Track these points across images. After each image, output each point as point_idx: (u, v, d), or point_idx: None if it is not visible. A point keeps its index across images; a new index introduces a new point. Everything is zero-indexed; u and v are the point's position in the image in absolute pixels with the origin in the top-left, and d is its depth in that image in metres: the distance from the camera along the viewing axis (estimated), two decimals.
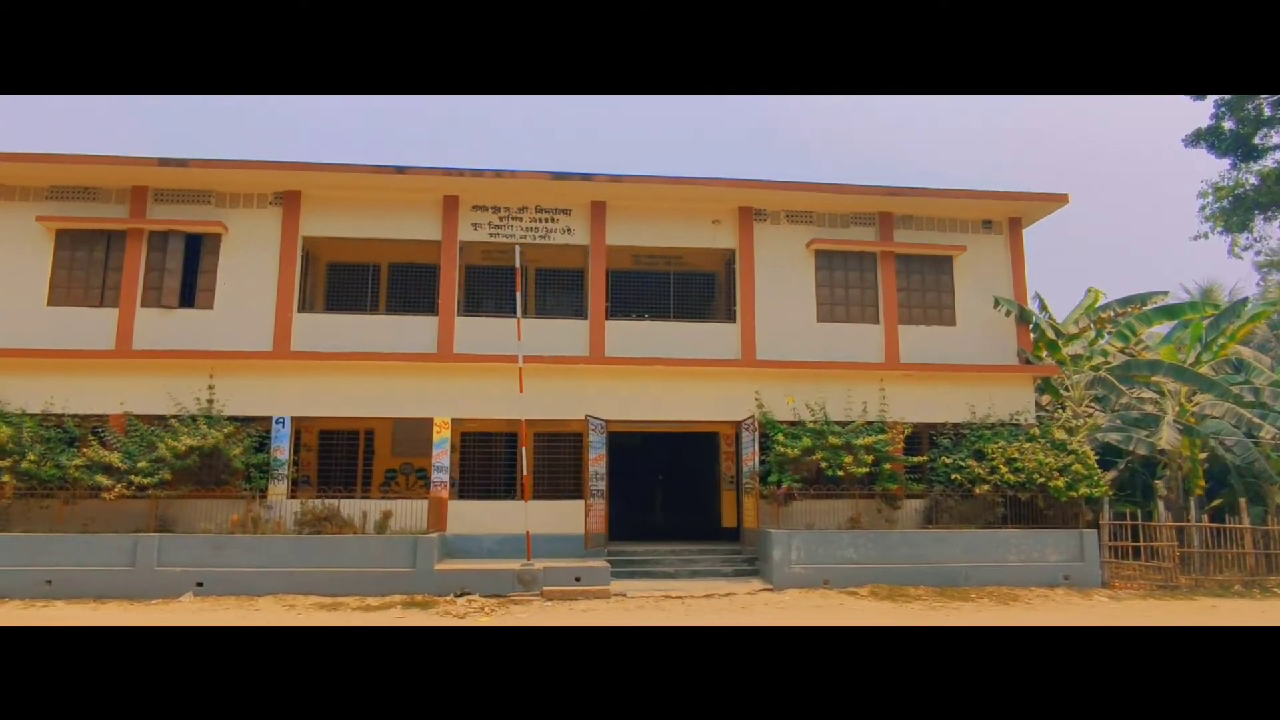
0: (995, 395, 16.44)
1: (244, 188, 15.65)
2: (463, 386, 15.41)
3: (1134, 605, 13.46)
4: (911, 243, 16.92)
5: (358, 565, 13.46)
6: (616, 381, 15.76)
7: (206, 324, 15.20)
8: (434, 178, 15.63)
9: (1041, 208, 17.04)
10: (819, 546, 14.39)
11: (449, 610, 12.53)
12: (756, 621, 11.77)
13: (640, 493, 19.07)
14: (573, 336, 16.04)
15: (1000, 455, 15.24)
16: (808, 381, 15.98)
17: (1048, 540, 14.90)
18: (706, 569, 15.01)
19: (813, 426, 15.31)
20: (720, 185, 16.29)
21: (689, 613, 12.59)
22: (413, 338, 15.70)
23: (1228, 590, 14.75)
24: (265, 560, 13.34)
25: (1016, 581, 14.53)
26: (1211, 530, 15.50)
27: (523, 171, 15.70)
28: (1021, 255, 17.21)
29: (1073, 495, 14.91)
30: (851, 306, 16.73)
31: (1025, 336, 16.96)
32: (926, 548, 14.62)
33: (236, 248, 15.50)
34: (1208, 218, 20.78)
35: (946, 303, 16.99)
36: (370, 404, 15.27)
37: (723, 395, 15.96)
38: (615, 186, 16.04)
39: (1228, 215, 20.75)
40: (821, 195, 16.63)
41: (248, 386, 14.94)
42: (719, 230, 16.69)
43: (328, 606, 12.73)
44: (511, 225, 16.23)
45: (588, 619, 12.02)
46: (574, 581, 13.67)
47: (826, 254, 16.78)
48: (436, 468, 15.23)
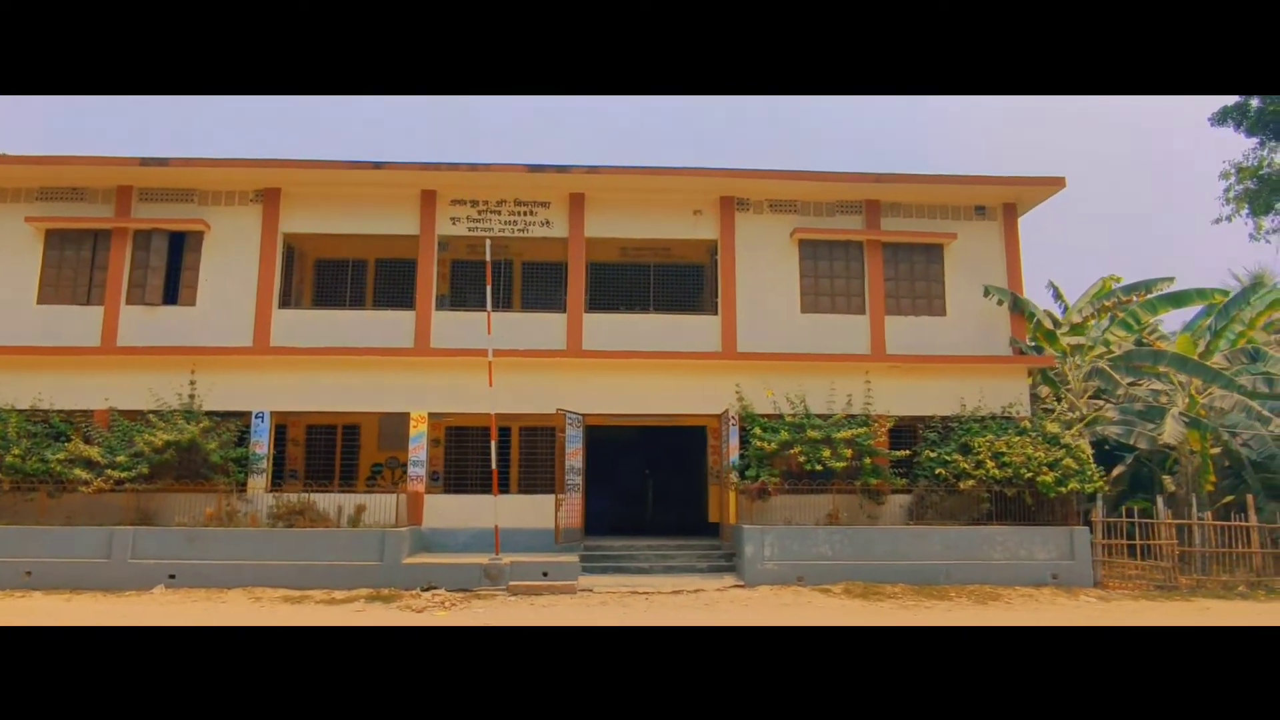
0: (986, 387, 15.88)
1: (225, 185, 15.85)
2: (439, 381, 15.41)
3: (1121, 606, 12.89)
4: (899, 231, 16.43)
5: (327, 559, 13.55)
6: (594, 375, 15.61)
7: (189, 321, 15.44)
8: (410, 172, 15.64)
9: (1037, 192, 16.40)
10: (793, 543, 14.07)
11: (409, 604, 12.53)
12: (716, 619, 11.53)
13: (630, 487, 18.92)
14: (553, 330, 15.93)
15: (987, 449, 14.72)
16: (790, 374, 15.63)
17: (1035, 537, 14.35)
18: (682, 565, 14.79)
19: (791, 420, 14.98)
20: (700, 175, 16.01)
21: (650, 609, 12.40)
22: (393, 332, 15.75)
23: (1230, 591, 14.04)
24: (236, 553, 13.50)
25: (1001, 580, 14.02)
26: (1216, 528, 14.77)
27: (498, 165, 15.63)
28: (1016, 242, 16.59)
29: (1061, 491, 14.33)
30: (837, 297, 16.31)
31: (1019, 326, 16.35)
32: (906, 544, 14.19)
33: (218, 245, 15.71)
34: (1230, 199, 19.85)
35: (936, 292, 16.46)
36: (347, 399, 15.36)
37: (703, 388, 15.70)
38: (592, 178, 15.87)
39: (1252, 197, 19.79)
40: (806, 183, 16.24)
41: (228, 382, 15.14)
42: (700, 221, 16.41)
43: (294, 600, 12.84)
44: (490, 219, 16.17)
45: (545, 615, 11.91)
46: (541, 576, 13.58)
47: (811, 243, 16.38)
48: (413, 462, 15.27)
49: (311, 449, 17.31)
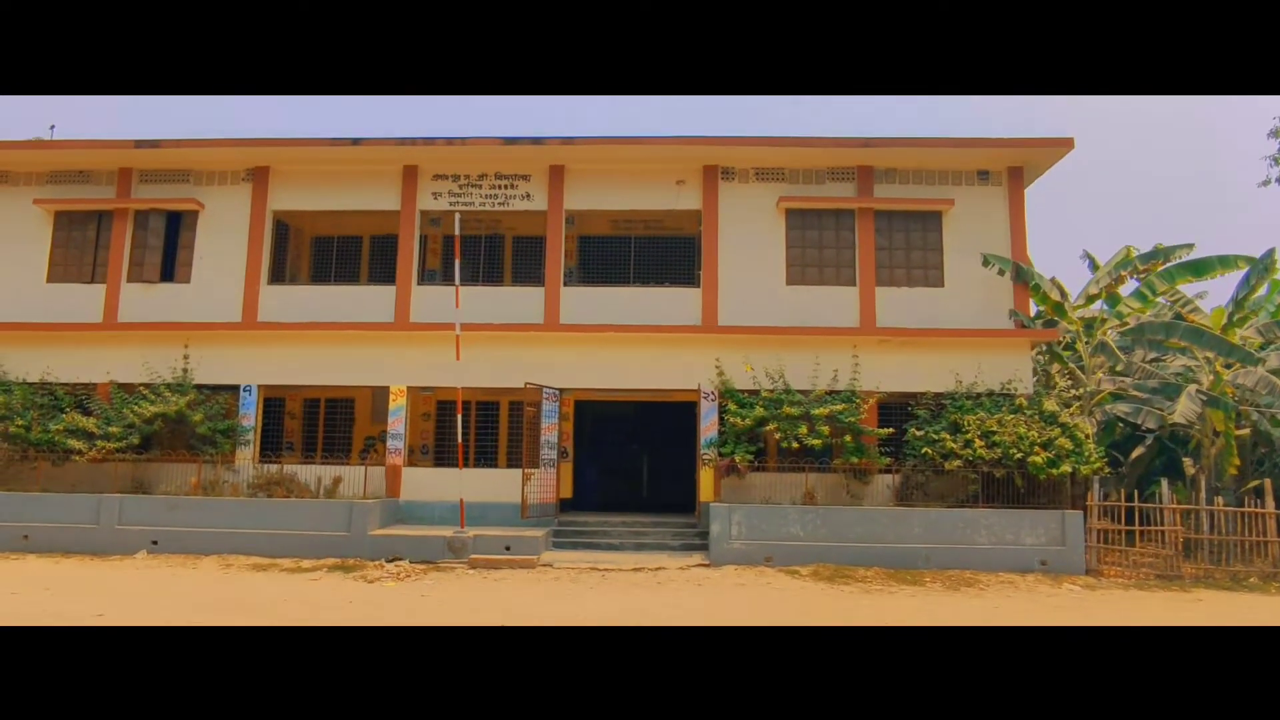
0: (985, 363, 15.03)
1: (217, 165, 16.25)
2: (419, 355, 15.52)
3: (1103, 595, 12.04)
4: (894, 198, 15.64)
5: (299, 528, 13.88)
6: (572, 349, 15.45)
7: (184, 297, 15.97)
8: (390, 148, 15.71)
9: (1044, 154, 15.32)
10: (762, 521, 13.66)
11: (365, 575, 12.73)
12: (666, 600, 11.28)
13: (626, 464, 18.71)
14: (536, 304, 15.82)
15: (976, 428, 13.95)
16: (772, 348, 15.12)
17: (1023, 521, 13.55)
18: (655, 542, 14.57)
19: (768, 396, 14.51)
20: (682, 143, 15.55)
21: (601, 586, 12.24)
22: (380, 307, 15.93)
23: (1239, 583, 12.97)
24: (215, 521, 13.96)
25: (986, 566, 13.30)
26: (1227, 515, 13.65)
27: (475, 138, 15.53)
28: (1022, 208, 15.56)
29: (1053, 473, 13.47)
30: (825, 268, 15.67)
31: (1023, 298, 15.38)
32: (883, 526, 13.61)
33: (212, 224, 16.16)
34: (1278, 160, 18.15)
35: (934, 262, 15.62)
36: (331, 372, 15.64)
37: (684, 363, 15.36)
38: (570, 149, 15.62)
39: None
40: (793, 150, 15.60)
41: (218, 356, 15.62)
42: (684, 191, 15.98)
43: (261, 568, 13.21)
44: (471, 193, 16.13)
45: (491, 590, 11.91)
46: (504, 550, 13.60)
47: (799, 213, 15.75)
48: (392, 435, 15.47)
49: (308, 422, 17.74)
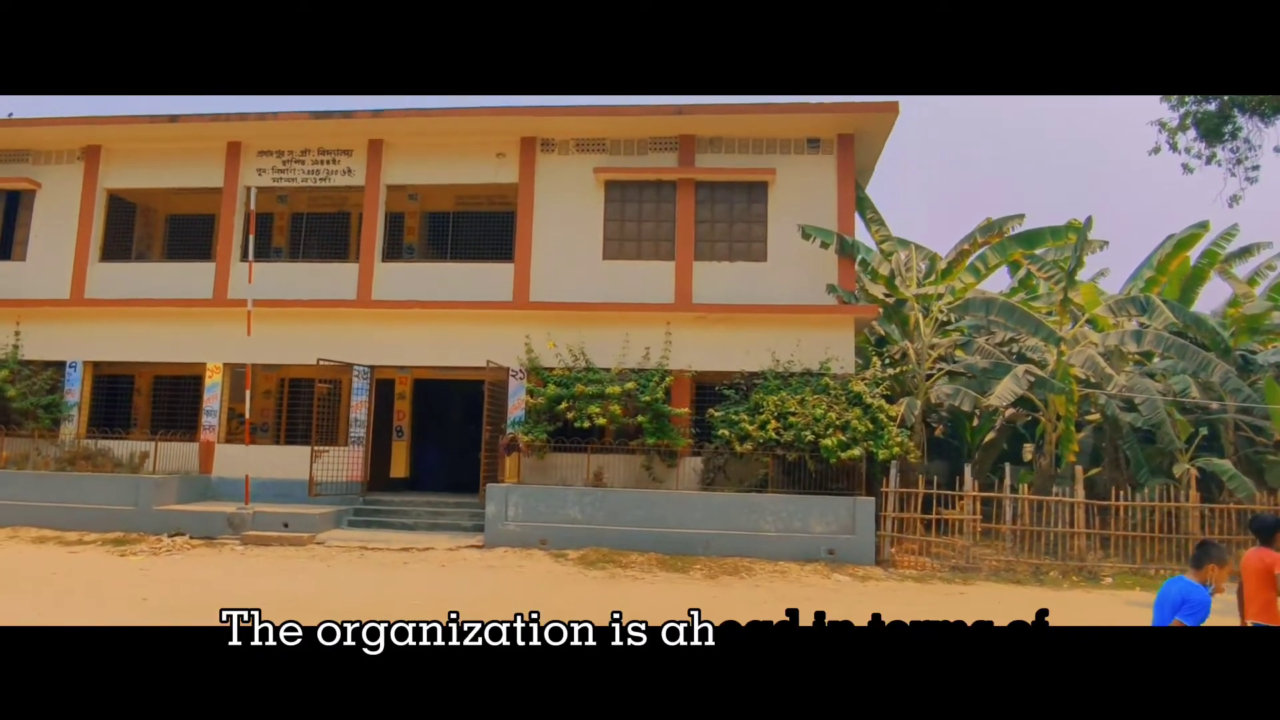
0: (804, 340, 14.25)
1: (53, 145, 16.43)
2: (236, 331, 15.43)
3: (873, 588, 11.30)
4: (717, 168, 14.92)
5: (92, 502, 14.01)
6: (385, 326, 15.20)
7: (19, 274, 16.22)
8: (210, 124, 15.64)
9: (872, 119, 14.41)
10: (539, 503, 13.24)
11: (129, 550, 12.79)
12: (403, 582, 11.00)
13: (457, 442, 18.08)
14: (349, 280, 15.61)
15: (774, 409, 13.25)
16: (582, 325, 14.60)
17: (812, 508, 12.84)
18: (449, 523, 14.28)
19: (561, 374, 14.04)
20: (498, 114, 15.11)
21: (357, 564, 12.07)
22: (205, 283, 15.92)
23: (1035, 577, 12.09)
24: (20, 494, 14.19)
25: (771, 554, 12.64)
26: (1031, 503, 12.70)
27: (287, 113, 15.36)
28: (850, 178, 14.68)
29: (843, 456, 12.71)
30: (644, 242, 15.06)
31: (848, 272, 14.52)
32: (663, 510, 13.06)
33: (48, 202, 16.36)
34: (1166, 127, 16.55)
35: (758, 235, 14.88)
36: (150, 349, 15.72)
37: (497, 340, 14.93)
38: (387, 122, 15.32)
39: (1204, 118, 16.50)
40: (613, 119, 15.04)
41: (47, 333, 15.83)
42: (504, 164, 15.52)
43: (40, 540, 13.36)
44: (294, 169, 15.97)
45: (241, 563, 11.88)
46: (282, 528, 13.50)
47: (618, 185, 15.16)
48: (207, 411, 15.48)
49: (156, 400, 17.87)
